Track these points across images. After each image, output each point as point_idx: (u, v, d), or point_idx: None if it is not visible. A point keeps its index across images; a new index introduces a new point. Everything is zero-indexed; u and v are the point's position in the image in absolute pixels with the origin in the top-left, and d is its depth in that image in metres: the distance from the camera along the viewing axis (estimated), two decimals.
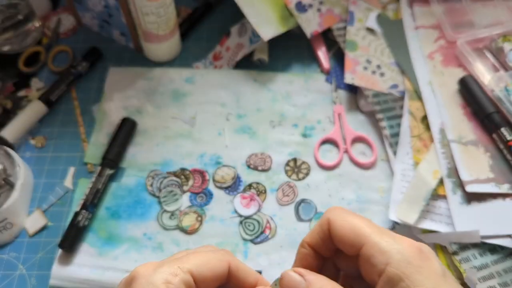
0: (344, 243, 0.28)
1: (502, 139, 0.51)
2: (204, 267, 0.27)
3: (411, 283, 0.24)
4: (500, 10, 0.62)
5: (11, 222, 0.49)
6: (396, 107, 0.56)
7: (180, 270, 0.26)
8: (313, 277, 0.28)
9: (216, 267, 0.28)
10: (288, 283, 0.28)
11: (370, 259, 0.26)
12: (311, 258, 0.30)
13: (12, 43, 0.63)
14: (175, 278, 0.26)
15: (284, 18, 0.60)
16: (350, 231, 0.27)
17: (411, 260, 0.25)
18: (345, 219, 0.28)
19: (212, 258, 0.28)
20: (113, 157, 0.53)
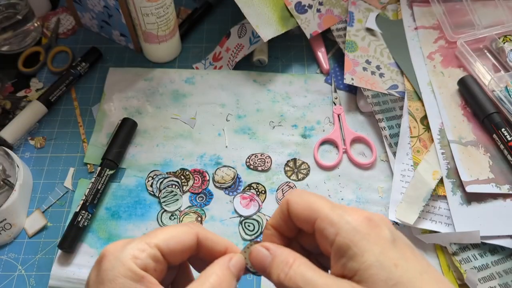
0: (300, 221, 0.29)
1: (502, 139, 0.51)
2: (171, 240, 0.28)
3: (358, 249, 0.25)
4: (501, 10, 0.62)
5: (10, 223, 0.48)
6: (395, 107, 0.56)
7: (147, 246, 0.27)
8: (278, 251, 0.29)
9: (183, 239, 0.29)
10: (256, 256, 0.30)
11: (323, 231, 0.27)
12: (276, 238, 0.31)
13: (11, 43, 0.63)
14: (142, 254, 0.26)
15: (284, 19, 0.60)
16: (305, 208, 0.29)
17: (359, 228, 0.26)
18: (301, 198, 0.29)
19: (179, 231, 0.29)
20: (113, 157, 0.52)
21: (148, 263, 0.27)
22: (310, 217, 0.28)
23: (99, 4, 0.59)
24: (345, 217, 0.27)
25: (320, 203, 0.28)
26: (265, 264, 0.29)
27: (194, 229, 0.30)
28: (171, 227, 0.29)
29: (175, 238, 0.28)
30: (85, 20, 0.65)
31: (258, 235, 0.49)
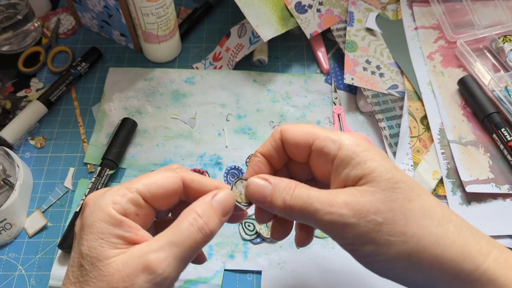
0: (295, 146, 0.30)
1: (502, 139, 0.51)
2: (154, 185, 0.28)
3: (361, 159, 0.28)
4: (501, 10, 0.62)
5: (10, 223, 0.48)
6: (395, 107, 0.56)
7: (127, 191, 0.27)
8: (277, 180, 0.30)
9: (167, 183, 0.28)
10: (255, 187, 0.30)
11: (323, 149, 0.29)
12: (264, 166, 0.31)
13: (11, 43, 0.63)
14: (121, 199, 0.26)
15: (284, 19, 0.60)
16: (302, 133, 0.30)
17: (360, 143, 0.29)
18: (296, 126, 0.30)
19: (162, 176, 0.28)
20: (113, 157, 0.52)
21: (127, 208, 0.26)
22: (307, 140, 0.30)
23: (99, 4, 0.59)
24: (344, 135, 0.29)
25: (316, 128, 0.30)
26: (265, 193, 0.29)
27: (178, 173, 0.29)
28: (154, 172, 0.29)
29: (157, 182, 0.28)
30: (85, 20, 0.65)
31: (258, 235, 0.49)
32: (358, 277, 0.47)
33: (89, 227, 0.25)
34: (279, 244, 0.49)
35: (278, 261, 0.48)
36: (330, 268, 0.47)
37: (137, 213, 0.27)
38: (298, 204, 0.28)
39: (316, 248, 0.48)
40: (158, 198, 0.28)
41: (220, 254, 0.48)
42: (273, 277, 0.47)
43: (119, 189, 0.27)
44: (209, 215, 0.27)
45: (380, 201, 0.27)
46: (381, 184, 0.27)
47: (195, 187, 0.30)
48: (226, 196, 0.29)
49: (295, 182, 0.29)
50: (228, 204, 0.29)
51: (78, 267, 0.25)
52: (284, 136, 0.30)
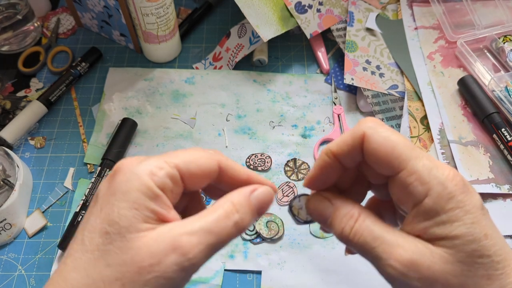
0: (379, 163, 0.25)
1: (502, 139, 0.51)
2: (192, 163, 0.26)
3: (448, 218, 0.23)
4: (501, 10, 0.62)
5: (10, 223, 0.48)
6: (395, 107, 0.56)
7: (166, 164, 0.25)
8: (339, 203, 0.27)
9: (205, 164, 0.26)
10: (315, 207, 0.28)
11: (408, 187, 0.24)
12: (332, 168, 0.28)
13: (11, 43, 0.63)
14: (160, 171, 0.24)
15: (284, 19, 0.60)
16: (388, 151, 0.25)
17: (453, 193, 0.23)
18: (382, 136, 0.25)
19: (202, 155, 0.27)
20: (113, 157, 0.52)
21: (165, 183, 0.24)
22: (393, 165, 0.25)
23: (99, 4, 0.59)
24: (437, 175, 0.24)
25: (407, 150, 0.25)
26: (326, 215, 0.27)
27: (216, 156, 0.27)
28: (193, 149, 0.27)
29: (196, 161, 0.26)
30: (85, 20, 0.65)
31: (257, 236, 0.49)
32: (358, 277, 0.47)
33: (124, 194, 0.23)
34: (279, 244, 0.49)
35: (278, 261, 0.48)
36: (330, 268, 0.47)
37: (172, 190, 0.25)
38: (358, 241, 0.25)
39: (316, 248, 0.48)
40: (194, 178, 0.26)
41: (220, 254, 0.48)
42: (273, 277, 0.47)
43: (158, 160, 0.25)
44: (245, 211, 0.25)
45: (453, 274, 0.23)
46: (461, 255, 0.23)
47: (230, 173, 0.28)
48: (265, 194, 0.26)
49: (358, 209, 0.26)
50: (265, 203, 0.26)
51: (101, 234, 0.23)
52: (366, 144, 0.25)
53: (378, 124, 0.26)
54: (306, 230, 0.50)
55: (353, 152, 0.26)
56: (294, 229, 0.50)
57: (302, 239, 0.49)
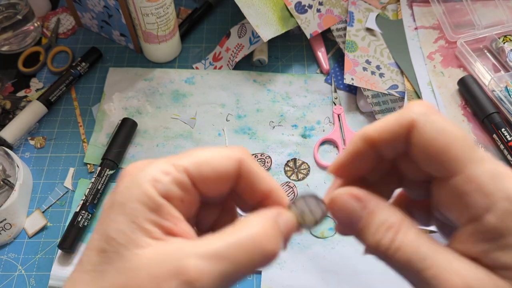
0: (429, 161, 0.21)
1: (502, 139, 0.51)
2: (206, 165, 0.22)
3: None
4: (501, 10, 0.62)
5: (10, 223, 0.48)
6: (395, 107, 0.56)
7: (173, 168, 0.21)
8: (375, 205, 0.22)
9: (221, 165, 0.22)
10: (342, 208, 0.22)
11: (465, 197, 0.20)
12: (365, 157, 0.23)
13: (11, 43, 0.63)
14: (165, 177, 0.21)
15: (284, 19, 0.60)
16: (443, 147, 0.20)
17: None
18: (438, 127, 0.20)
19: (218, 155, 0.22)
20: (113, 157, 0.52)
21: (171, 190, 0.21)
22: (446, 164, 0.20)
23: (99, 4, 0.59)
24: (504, 186, 0.19)
25: (462, 143, 0.20)
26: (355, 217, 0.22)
27: (237, 154, 0.23)
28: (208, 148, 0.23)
29: (211, 162, 0.22)
30: (85, 20, 0.65)
31: None
32: (358, 277, 0.47)
33: (122, 206, 0.20)
34: None
35: (278, 261, 0.48)
36: (330, 268, 0.47)
37: (182, 198, 0.21)
38: (399, 260, 0.20)
39: (316, 248, 0.48)
40: (208, 182, 0.22)
41: None
42: (273, 277, 0.47)
43: (164, 164, 0.22)
44: (275, 234, 0.21)
45: None
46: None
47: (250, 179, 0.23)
48: (290, 220, 0.22)
49: (400, 217, 0.21)
50: (291, 229, 0.22)
51: (98, 252, 0.20)
52: (415, 134, 0.21)
53: (432, 110, 0.21)
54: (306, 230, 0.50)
55: (397, 142, 0.21)
56: None
57: (302, 239, 0.49)
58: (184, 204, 0.21)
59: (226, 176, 0.22)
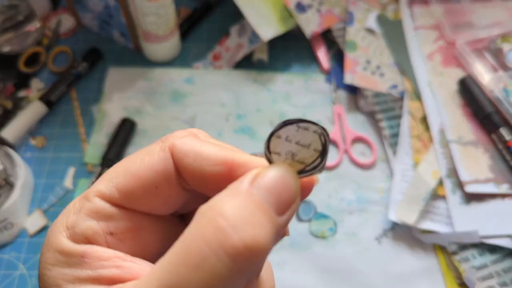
0: None
1: (501, 139, 0.51)
2: (125, 176, 0.17)
3: None
4: (499, 11, 0.62)
5: (11, 222, 0.49)
6: (395, 107, 0.56)
7: (85, 200, 0.17)
8: None
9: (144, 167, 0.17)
10: None
11: None
12: None
13: (12, 44, 0.63)
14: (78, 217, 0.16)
15: (284, 19, 0.60)
16: None
17: None
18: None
19: (140, 157, 0.18)
20: (113, 157, 0.53)
21: (89, 228, 0.16)
22: None
23: (99, 5, 0.59)
24: None
25: None
26: None
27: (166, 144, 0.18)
28: (135, 153, 0.18)
29: (130, 170, 0.17)
30: (85, 21, 0.66)
31: None
32: (358, 277, 0.47)
33: (42, 276, 0.17)
34: (279, 244, 0.49)
35: (278, 261, 0.48)
36: (330, 268, 0.47)
37: (110, 230, 0.16)
38: None
39: (316, 248, 0.48)
40: (139, 197, 0.17)
41: None
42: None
43: (76, 201, 0.18)
44: (247, 218, 0.14)
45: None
46: None
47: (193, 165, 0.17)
48: (281, 175, 0.16)
49: None
50: (287, 190, 0.15)
51: None
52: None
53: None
54: (306, 230, 0.50)
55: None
56: (295, 228, 0.50)
57: (302, 239, 0.49)
58: (120, 235, 0.17)
59: (155, 178, 0.17)
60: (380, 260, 0.48)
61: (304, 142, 0.16)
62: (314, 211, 0.51)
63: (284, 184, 0.16)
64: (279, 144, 0.17)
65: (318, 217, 0.51)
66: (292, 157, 0.16)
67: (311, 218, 0.51)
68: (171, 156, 0.17)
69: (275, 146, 0.17)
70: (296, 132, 0.16)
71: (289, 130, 0.17)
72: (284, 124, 0.17)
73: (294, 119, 0.17)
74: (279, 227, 0.15)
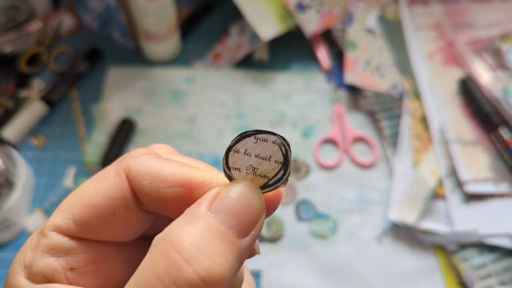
0: None
1: (499, 139, 0.51)
2: (80, 205, 0.16)
3: None
4: (499, 11, 0.62)
5: (12, 222, 0.49)
6: (395, 107, 0.56)
7: (40, 236, 0.16)
8: None
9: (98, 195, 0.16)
10: None
11: None
12: None
13: (13, 44, 0.64)
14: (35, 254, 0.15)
15: (284, 19, 0.60)
16: None
17: None
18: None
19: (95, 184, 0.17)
20: (113, 156, 0.53)
21: (48, 265, 0.15)
22: None
23: (100, 5, 0.59)
24: None
25: None
26: None
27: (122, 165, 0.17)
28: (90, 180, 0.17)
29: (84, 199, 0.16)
30: (86, 21, 0.66)
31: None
32: (358, 277, 0.47)
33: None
34: (279, 244, 0.49)
35: (278, 261, 0.48)
36: (330, 268, 0.47)
37: (70, 265, 0.15)
38: None
39: (316, 248, 0.49)
40: (97, 226, 0.16)
41: None
42: (273, 277, 0.47)
43: (34, 236, 0.17)
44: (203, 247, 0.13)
45: None
46: None
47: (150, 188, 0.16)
48: (242, 193, 0.14)
49: None
50: (250, 209, 0.14)
51: None
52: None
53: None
54: (306, 230, 0.50)
55: None
56: (294, 229, 0.50)
57: (302, 239, 0.49)
58: (81, 269, 0.16)
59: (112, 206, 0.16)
60: (380, 260, 0.48)
61: (265, 154, 0.15)
62: (314, 211, 0.51)
63: (246, 203, 0.14)
64: (238, 158, 0.15)
65: (318, 217, 0.51)
66: (253, 172, 0.15)
67: (311, 218, 0.51)
68: (127, 180, 0.16)
69: (234, 161, 0.16)
70: (255, 144, 0.15)
71: (247, 143, 0.16)
72: (241, 137, 0.16)
73: (251, 131, 0.16)
74: (243, 250, 0.14)
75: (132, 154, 0.17)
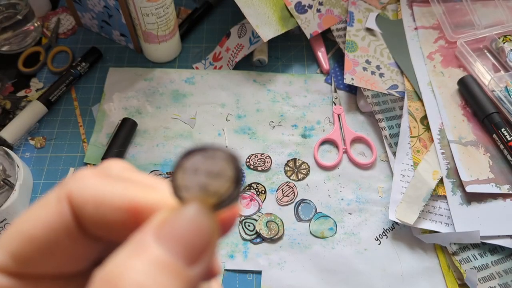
0: None
1: (502, 139, 0.51)
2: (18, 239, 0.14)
3: None
4: (501, 10, 0.62)
5: (10, 223, 0.48)
6: (395, 107, 0.56)
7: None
8: None
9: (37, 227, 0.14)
10: None
11: None
12: None
13: (11, 43, 0.63)
14: None
15: (284, 19, 0.60)
16: None
17: None
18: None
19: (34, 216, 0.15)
20: (113, 157, 0.52)
21: None
22: None
23: (99, 4, 0.59)
24: None
25: None
26: None
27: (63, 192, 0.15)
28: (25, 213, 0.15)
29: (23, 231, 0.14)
30: (85, 20, 0.65)
31: (258, 235, 0.49)
32: (358, 277, 0.47)
33: None
34: (279, 244, 0.49)
35: (278, 261, 0.48)
36: (330, 268, 0.47)
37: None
38: None
39: (316, 248, 0.48)
40: (39, 261, 0.14)
41: (220, 254, 0.48)
42: (273, 277, 0.47)
43: None
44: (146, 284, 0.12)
45: None
46: None
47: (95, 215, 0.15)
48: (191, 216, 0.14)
49: None
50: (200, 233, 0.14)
51: None
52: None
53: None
54: (306, 230, 0.50)
55: None
56: (294, 229, 0.50)
57: (302, 239, 0.49)
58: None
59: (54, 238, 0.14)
60: (380, 260, 0.48)
61: (214, 171, 0.14)
62: (314, 211, 0.51)
63: (195, 227, 0.13)
64: (187, 177, 0.14)
65: (318, 217, 0.51)
66: (204, 191, 0.14)
67: (311, 218, 0.51)
68: (69, 206, 0.15)
69: (182, 180, 0.14)
70: (204, 160, 0.14)
71: (195, 160, 0.14)
72: (188, 154, 0.14)
73: (198, 147, 0.14)
74: (194, 278, 0.13)
75: (77, 177, 0.15)
